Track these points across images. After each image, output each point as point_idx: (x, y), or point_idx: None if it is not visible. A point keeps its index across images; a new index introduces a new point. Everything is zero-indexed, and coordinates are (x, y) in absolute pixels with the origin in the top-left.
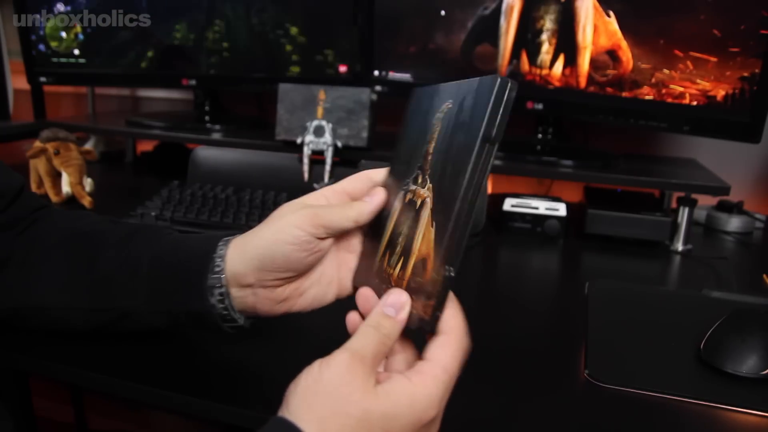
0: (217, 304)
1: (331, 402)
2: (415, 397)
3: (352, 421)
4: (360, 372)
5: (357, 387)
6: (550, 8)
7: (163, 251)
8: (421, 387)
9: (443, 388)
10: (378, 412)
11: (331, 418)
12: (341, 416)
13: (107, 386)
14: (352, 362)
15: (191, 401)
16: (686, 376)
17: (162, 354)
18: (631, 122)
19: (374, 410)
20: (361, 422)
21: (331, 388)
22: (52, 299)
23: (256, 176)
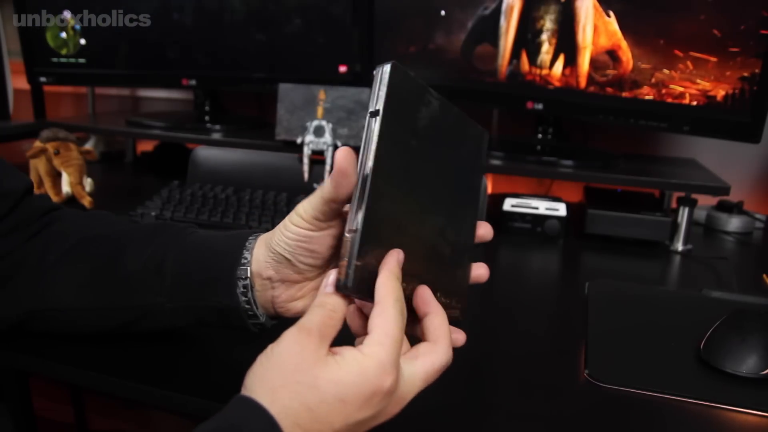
0: (240, 296)
1: (280, 373)
2: (363, 364)
3: (303, 388)
4: (307, 343)
5: (305, 357)
6: (550, 8)
7: (189, 248)
8: (369, 355)
9: (390, 352)
10: (328, 378)
11: (281, 387)
12: (291, 384)
13: (107, 386)
14: (298, 335)
15: (191, 401)
16: (686, 376)
17: (162, 354)
18: (631, 122)
19: (324, 377)
20: (311, 389)
21: (280, 360)
22: (71, 300)
23: (256, 176)
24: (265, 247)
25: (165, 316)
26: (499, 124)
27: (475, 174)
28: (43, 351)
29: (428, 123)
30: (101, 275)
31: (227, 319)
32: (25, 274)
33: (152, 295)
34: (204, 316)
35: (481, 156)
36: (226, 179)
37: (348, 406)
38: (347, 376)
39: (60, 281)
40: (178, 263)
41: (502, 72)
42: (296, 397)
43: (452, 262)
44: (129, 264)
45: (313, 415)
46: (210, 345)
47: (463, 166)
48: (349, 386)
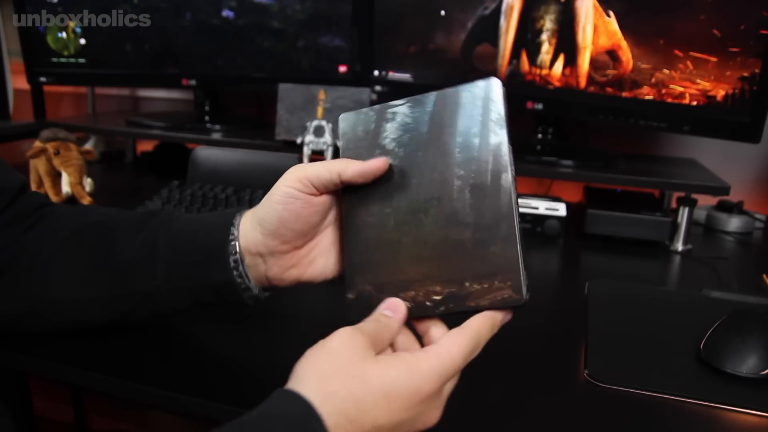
0: (233, 271)
1: (332, 363)
2: (414, 367)
3: (352, 379)
4: (360, 341)
5: (357, 352)
6: (550, 8)
7: (179, 230)
8: (422, 360)
9: (444, 368)
10: (377, 373)
11: (332, 377)
12: (342, 375)
13: (107, 386)
14: (352, 333)
15: (191, 401)
16: (686, 376)
17: (162, 354)
18: (631, 122)
19: (373, 372)
20: (360, 381)
21: (333, 352)
22: (71, 292)
23: (256, 176)
24: (251, 221)
25: (163, 299)
26: None
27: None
28: (43, 351)
29: (399, 130)
30: (98, 265)
31: (223, 296)
32: (21, 268)
33: (148, 280)
34: (200, 295)
35: (491, 109)
36: (226, 179)
37: (392, 403)
38: (396, 374)
39: (59, 274)
40: (169, 246)
41: (502, 72)
42: (344, 386)
43: (478, 242)
44: (122, 252)
45: (358, 407)
46: (210, 346)
47: (467, 136)
48: (396, 384)
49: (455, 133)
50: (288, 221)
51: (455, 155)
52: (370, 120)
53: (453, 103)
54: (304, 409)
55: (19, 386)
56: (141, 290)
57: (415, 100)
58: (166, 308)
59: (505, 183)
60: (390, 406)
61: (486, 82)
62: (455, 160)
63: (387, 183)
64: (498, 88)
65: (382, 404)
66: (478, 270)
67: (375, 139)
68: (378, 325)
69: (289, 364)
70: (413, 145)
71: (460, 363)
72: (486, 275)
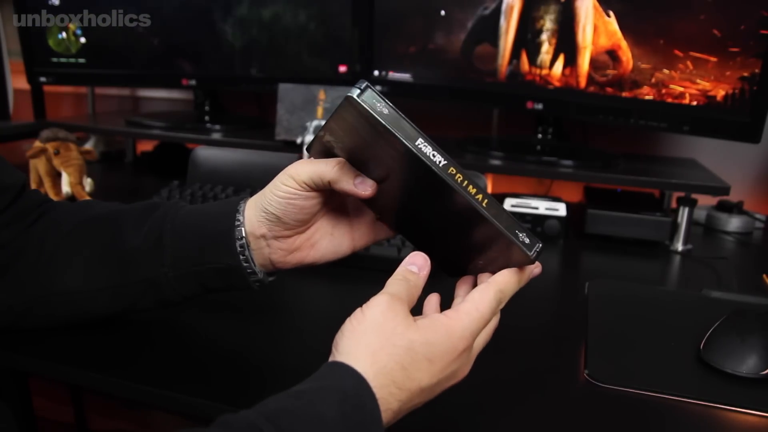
0: (239, 256)
1: (378, 336)
2: (450, 328)
3: (400, 350)
4: (399, 309)
5: (399, 322)
6: (550, 8)
7: (184, 218)
8: (455, 320)
9: (475, 323)
10: (420, 340)
11: (380, 350)
12: (389, 347)
13: (107, 386)
14: (391, 301)
15: (192, 401)
16: (686, 376)
17: (162, 354)
18: (631, 122)
19: (417, 339)
20: (407, 351)
21: (376, 324)
22: (77, 283)
23: (256, 176)
24: (255, 208)
25: (170, 287)
26: (499, 124)
27: (389, 145)
28: (43, 351)
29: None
30: (103, 256)
31: (230, 280)
32: (26, 261)
33: (155, 268)
34: (207, 281)
35: (373, 125)
36: (226, 179)
37: (434, 365)
38: (435, 336)
39: (65, 265)
40: (175, 234)
41: (502, 72)
42: (393, 357)
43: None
44: (128, 242)
45: (406, 374)
46: (210, 346)
47: (386, 157)
48: (437, 347)
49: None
50: (289, 213)
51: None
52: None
53: (354, 126)
54: (357, 382)
55: (19, 386)
56: (148, 278)
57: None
58: (173, 296)
59: (441, 176)
60: (432, 368)
61: (344, 98)
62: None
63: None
64: (359, 98)
65: (425, 368)
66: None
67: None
68: (409, 286)
69: (290, 365)
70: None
71: (489, 317)
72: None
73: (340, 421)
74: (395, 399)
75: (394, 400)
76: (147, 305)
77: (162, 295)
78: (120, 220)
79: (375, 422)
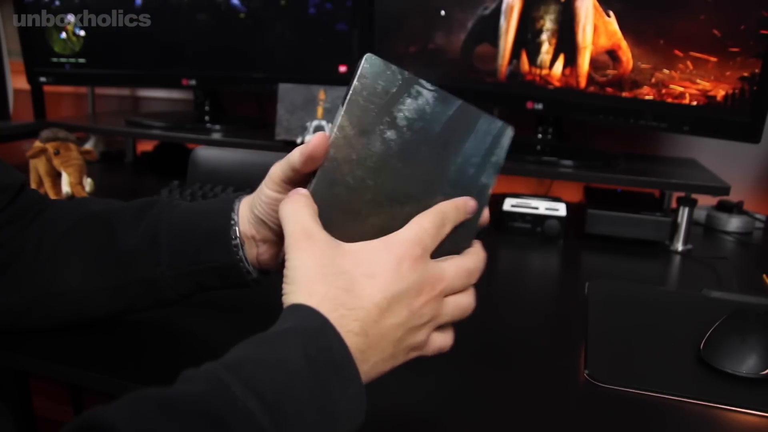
0: (235, 255)
1: (307, 276)
2: (387, 241)
3: (333, 277)
4: (313, 244)
5: (321, 254)
6: (550, 8)
7: (180, 217)
8: (393, 235)
9: (416, 233)
10: (352, 262)
11: (314, 283)
12: (321, 278)
13: (107, 386)
14: (296, 244)
15: None
16: (686, 376)
17: (163, 354)
18: (631, 122)
19: (347, 261)
20: (341, 275)
21: (300, 271)
22: (75, 283)
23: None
24: (248, 209)
25: (167, 286)
26: None
27: (482, 170)
28: (43, 351)
29: (412, 116)
30: (101, 256)
31: (226, 279)
32: (24, 261)
33: (151, 267)
34: (204, 279)
35: (495, 152)
36: (226, 179)
37: (378, 279)
38: (369, 254)
39: (63, 265)
40: (171, 233)
41: (502, 72)
42: (331, 284)
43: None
44: (124, 241)
45: (351, 294)
46: (211, 346)
47: (466, 161)
48: (374, 261)
49: (459, 152)
50: (273, 218)
51: (450, 171)
52: (394, 82)
53: (470, 122)
54: (320, 322)
55: (19, 386)
56: (145, 278)
57: (441, 95)
58: (170, 294)
59: (476, 221)
60: (378, 282)
61: (503, 126)
62: (448, 176)
63: (382, 156)
64: (509, 136)
65: (369, 284)
66: None
67: (390, 105)
68: (301, 215)
69: None
70: (421, 136)
71: (432, 231)
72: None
73: (305, 365)
74: (351, 319)
75: (350, 321)
76: (145, 305)
77: (160, 294)
78: (116, 218)
79: (344, 358)
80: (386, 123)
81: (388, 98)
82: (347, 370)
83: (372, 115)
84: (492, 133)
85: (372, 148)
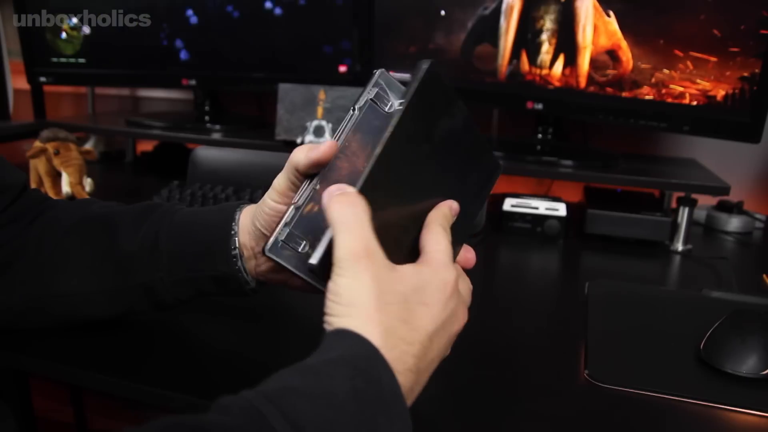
0: (234, 265)
1: (368, 301)
2: (431, 265)
3: (394, 307)
4: (376, 264)
5: (382, 279)
6: (550, 8)
7: (180, 223)
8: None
9: (445, 252)
10: (411, 289)
11: (376, 312)
12: (383, 306)
13: (107, 386)
14: (357, 263)
15: (192, 402)
16: (686, 376)
17: (162, 354)
18: (631, 122)
19: (407, 289)
20: (402, 304)
21: (360, 291)
22: (75, 285)
23: (256, 176)
24: (249, 220)
25: (166, 290)
26: (499, 124)
27: (476, 202)
28: (43, 351)
29: (445, 135)
30: (101, 259)
31: (225, 287)
32: (25, 261)
33: (150, 273)
34: (202, 286)
35: (487, 187)
36: (226, 179)
37: (431, 307)
38: (423, 280)
39: (63, 267)
40: (171, 239)
41: (502, 72)
42: (390, 314)
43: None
44: (124, 246)
45: (409, 326)
46: (210, 346)
47: (467, 191)
48: (427, 288)
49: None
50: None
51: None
52: (444, 96)
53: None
54: (369, 352)
55: (19, 386)
56: (143, 283)
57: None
58: (168, 300)
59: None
60: (431, 311)
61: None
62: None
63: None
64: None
65: (424, 314)
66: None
67: (437, 119)
68: (361, 231)
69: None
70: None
71: (449, 247)
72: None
73: (352, 398)
74: (409, 356)
75: (409, 358)
76: (143, 308)
77: (158, 299)
78: (117, 222)
79: (394, 394)
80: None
81: (435, 114)
82: (397, 407)
83: (421, 126)
84: (488, 168)
85: (414, 156)
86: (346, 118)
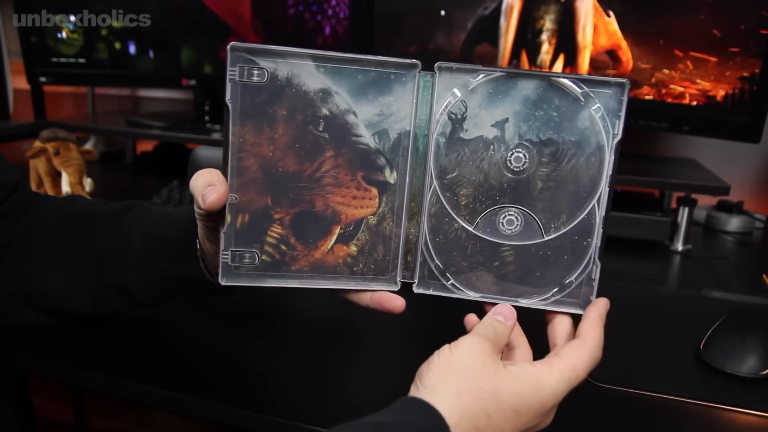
0: (200, 266)
1: (465, 377)
2: (541, 383)
3: (486, 395)
4: (488, 352)
5: (488, 365)
6: (550, 8)
7: (153, 224)
8: (547, 375)
9: (567, 383)
10: (508, 390)
11: (466, 392)
12: (475, 390)
13: (107, 386)
14: (480, 342)
15: (191, 401)
16: (686, 376)
17: (162, 354)
18: (631, 122)
19: (504, 388)
20: (493, 397)
21: (464, 365)
22: (56, 282)
23: None
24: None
25: (139, 291)
26: None
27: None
28: (43, 351)
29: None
30: (80, 256)
31: (194, 288)
32: (12, 255)
33: (125, 271)
34: (173, 286)
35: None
36: None
37: (520, 417)
38: (523, 389)
39: (45, 262)
40: (142, 240)
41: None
42: (478, 402)
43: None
44: (100, 244)
45: (490, 421)
46: (210, 346)
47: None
48: (525, 400)
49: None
50: (210, 235)
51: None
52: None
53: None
54: (437, 423)
55: (19, 386)
56: (119, 281)
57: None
58: (143, 298)
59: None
60: (517, 420)
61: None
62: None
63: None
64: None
65: (510, 418)
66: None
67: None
68: (496, 332)
69: (291, 366)
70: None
71: (583, 377)
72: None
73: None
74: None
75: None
76: (121, 307)
77: (132, 298)
78: (96, 219)
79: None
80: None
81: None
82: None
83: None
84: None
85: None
86: (225, 117)
